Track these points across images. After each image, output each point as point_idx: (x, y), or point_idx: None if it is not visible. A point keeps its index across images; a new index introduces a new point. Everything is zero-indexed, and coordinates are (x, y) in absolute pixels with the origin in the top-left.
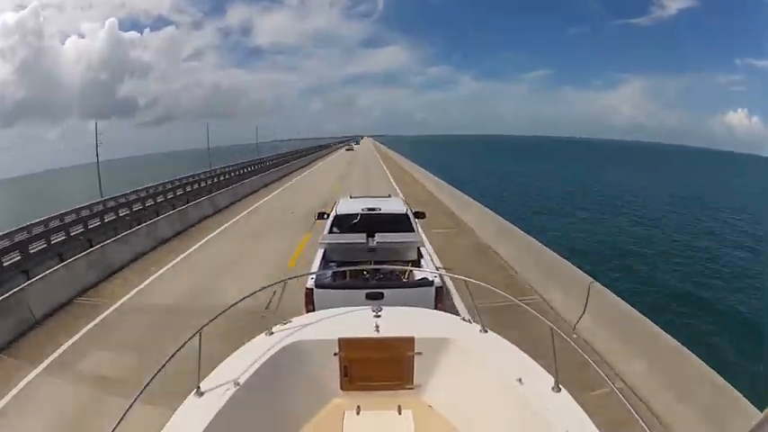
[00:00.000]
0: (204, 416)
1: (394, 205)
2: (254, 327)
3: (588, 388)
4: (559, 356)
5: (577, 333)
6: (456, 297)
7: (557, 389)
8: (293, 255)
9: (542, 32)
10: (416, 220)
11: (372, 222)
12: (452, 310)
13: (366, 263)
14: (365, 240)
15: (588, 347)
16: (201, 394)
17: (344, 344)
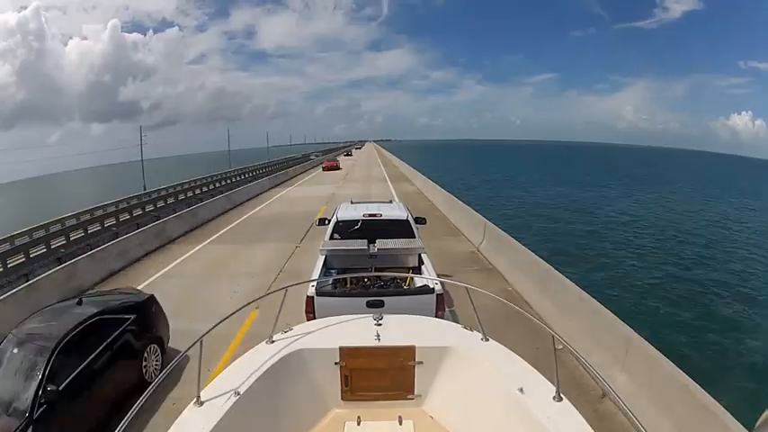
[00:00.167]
0: (204, 425)
1: (395, 211)
2: None
3: None
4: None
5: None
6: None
7: (558, 398)
8: None
9: (546, 36)
10: (417, 225)
11: (373, 228)
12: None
13: (367, 269)
14: (366, 247)
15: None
16: (201, 404)
17: (345, 353)
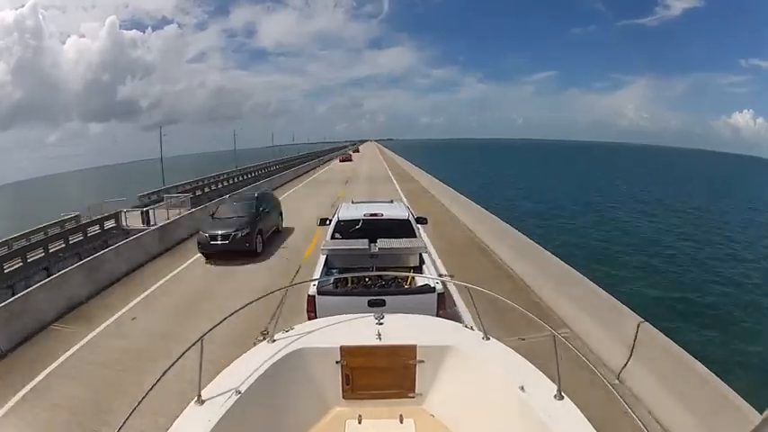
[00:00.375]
0: (205, 424)
1: (396, 211)
2: None
3: None
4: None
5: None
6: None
7: (559, 396)
8: None
9: (547, 33)
10: (418, 225)
11: (374, 228)
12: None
13: (368, 269)
14: (367, 246)
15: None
16: (202, 402)
17: (346, 351)
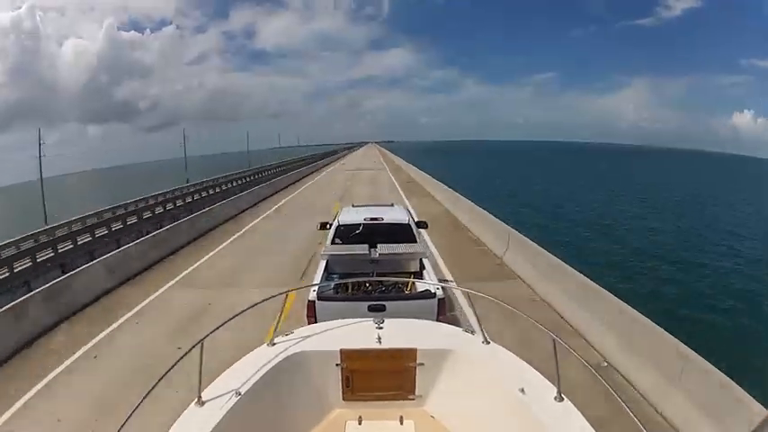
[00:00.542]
0: (205, 425)
1: (396, 214)
2: None
3: None
4: None
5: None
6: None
7: (559, 398)
8: None
9: (547, 35)
10: (419, 230)
11: (374, 232)
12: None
13: (368, 274)
14: (367, 252)
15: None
16: (203, 404)
17: (346, 355)
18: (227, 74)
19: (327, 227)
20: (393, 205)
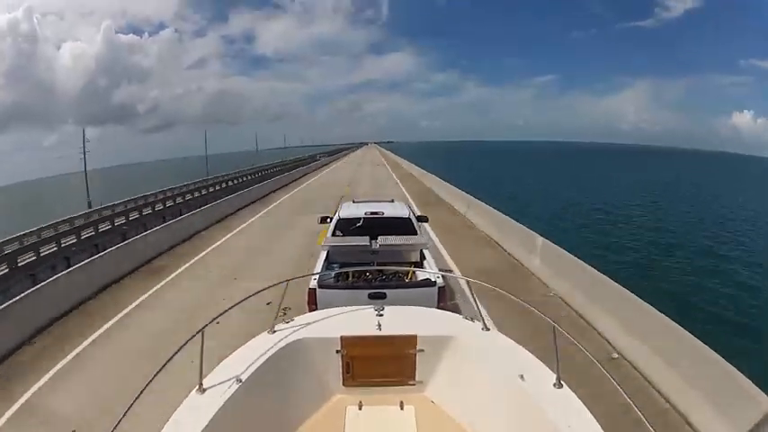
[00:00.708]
0: (207, 412)
1: (397, 209)
2: None
3: None
4: None
5: None
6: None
7: (558, 385)
8: None
9: (547, 37)
10: (420, 223)
11: (375, 226)
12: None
13: (369, 264)
14: (368, 243)
15: None
16: (204, 391)
17: (347, 341)
18: (226, 78)
19: (328, 221)
20: (393, 201)
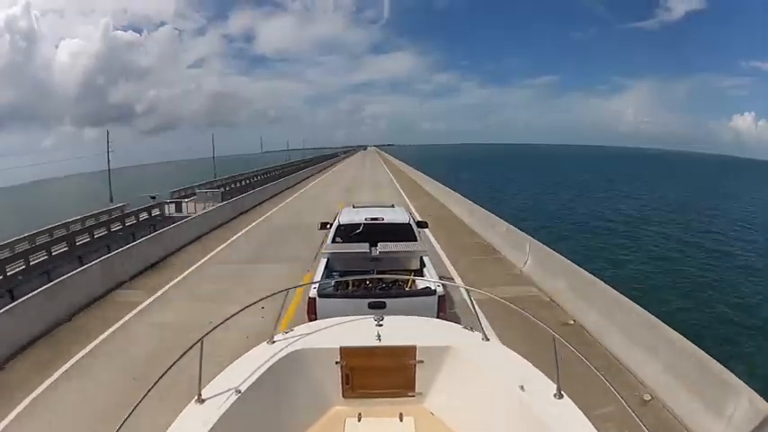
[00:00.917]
0: (205, 422)
1: (397, 215)
2: None
3: None
4: None
5: None
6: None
7: (559, 395)
8: None
9: (548, 38)
10: (420, 229)
11: (375, 232)
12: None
13: (369, 272)
14: (368, 249)
15: None
16: (203, 401)
17: (346, 352)
18: (226, 77)
19: (328, 227)
20: (393, 206)
